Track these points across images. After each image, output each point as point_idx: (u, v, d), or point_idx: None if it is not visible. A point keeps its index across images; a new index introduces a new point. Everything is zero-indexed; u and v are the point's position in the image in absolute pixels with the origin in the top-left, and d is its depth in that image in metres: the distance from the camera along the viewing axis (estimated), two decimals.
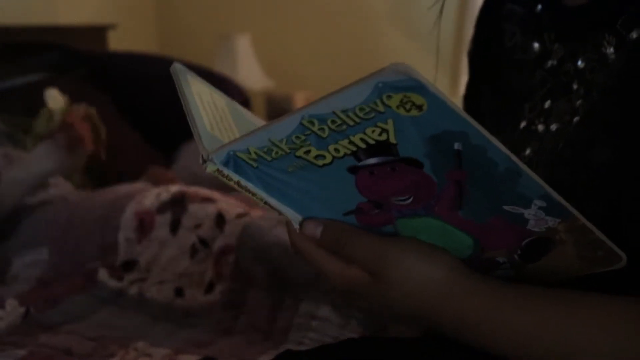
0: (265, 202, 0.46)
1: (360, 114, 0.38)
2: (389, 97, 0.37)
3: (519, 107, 0.65)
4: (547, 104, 0.62)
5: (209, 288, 0.92)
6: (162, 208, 1.02)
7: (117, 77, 2.11)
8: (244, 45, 2.65)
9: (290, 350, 0.58)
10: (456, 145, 0.40)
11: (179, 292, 0.93)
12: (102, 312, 0.91)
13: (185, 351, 0.78)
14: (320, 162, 0.42)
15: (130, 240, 0.99)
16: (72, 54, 2.08)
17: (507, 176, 0.42)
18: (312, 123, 0.39)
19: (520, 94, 0.65)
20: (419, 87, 0.36)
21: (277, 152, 0.42)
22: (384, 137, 0.40)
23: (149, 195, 1.05)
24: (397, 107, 0.37)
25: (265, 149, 0.42)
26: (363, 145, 0.40)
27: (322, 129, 0.39)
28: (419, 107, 0.37)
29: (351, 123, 0.39)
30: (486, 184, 0.43)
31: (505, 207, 0.45)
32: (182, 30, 2.95)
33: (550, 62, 0.63)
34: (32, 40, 2.04)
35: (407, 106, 0.37)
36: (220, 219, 0.97)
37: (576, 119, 0.58)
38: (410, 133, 0.39)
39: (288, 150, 0.41)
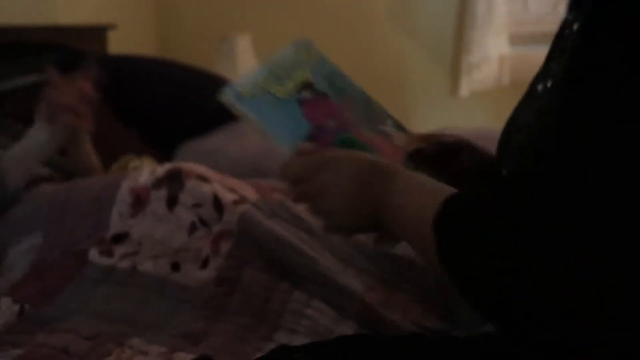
0: (260, 128, 0.68)
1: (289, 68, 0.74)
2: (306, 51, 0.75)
3: None
4: (548, 65, 0.67)
5: (205, 263, 0.92)
6: (157, 184, 1.01)
7: (116, 78, 2.11)
8: (244, 47, 2.65)
9: (285, 346, 0.59)
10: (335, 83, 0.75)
11: (175, 266, 0.92)
12: (96, 297, 0.90)
13: (181, 349, 0.78)
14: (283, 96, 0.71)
15: (124, 215, 0.98)
16: (71, 54, 2.08)
17: (363, 99, 0.76)
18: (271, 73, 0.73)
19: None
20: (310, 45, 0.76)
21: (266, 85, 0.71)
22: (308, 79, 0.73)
23: (144, 172, 1.05)
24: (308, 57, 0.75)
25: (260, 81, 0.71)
26: (300, 84, 0.72)
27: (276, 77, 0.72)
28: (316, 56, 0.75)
29: (284, 74, 0.73)
30: (360, 105, 0.76)
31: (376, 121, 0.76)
32: (182, 31, 2.95)
33: (561, 29, 0.67)
34: (32, 40, 2.04)
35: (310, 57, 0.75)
36: (217, 204, 0.97)
37: (549, 82, 0.62)
38: (317, 75, 0.74)
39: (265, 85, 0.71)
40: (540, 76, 0.68)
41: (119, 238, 0.96)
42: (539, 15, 2.45)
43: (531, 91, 0.69)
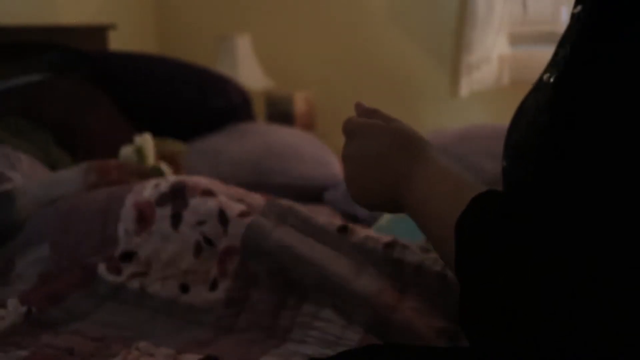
0: None
1: None
2: None
3: None
4: (558, 51, 0.63)
5: (213, 286, 0.92)
6: (161, 200, 1.00)
7: (118, 77, 2.11)
8: (244, 46, 2.65)
9: (314, 358, 0.59)
10: None
11: (184, 288, 0.92)
12: (103, 309, 0.90)
13: (187, 351, 0.78)
14: None
15: (129, 232, 0.98)
16: (72, 54, 2.08)
17: None
18: None
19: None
20: None
21: None
22: None
23: (147, 185, 1.04)
24: None
25: None
26: None
27: None
28: None
29: None
30: None
31: None
32: (182, 31, 2.95)
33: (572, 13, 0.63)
34: (32, 40, 2.04)
35: None
36: (223, 217, 0.96)
37: (554, 75, 0.58)
38: None
39: None
40: (550, 64, 0.64)
41: (127, 257, 0.96)
42: (539, 15, 2.46)
43: (540, 80, 0.65)
